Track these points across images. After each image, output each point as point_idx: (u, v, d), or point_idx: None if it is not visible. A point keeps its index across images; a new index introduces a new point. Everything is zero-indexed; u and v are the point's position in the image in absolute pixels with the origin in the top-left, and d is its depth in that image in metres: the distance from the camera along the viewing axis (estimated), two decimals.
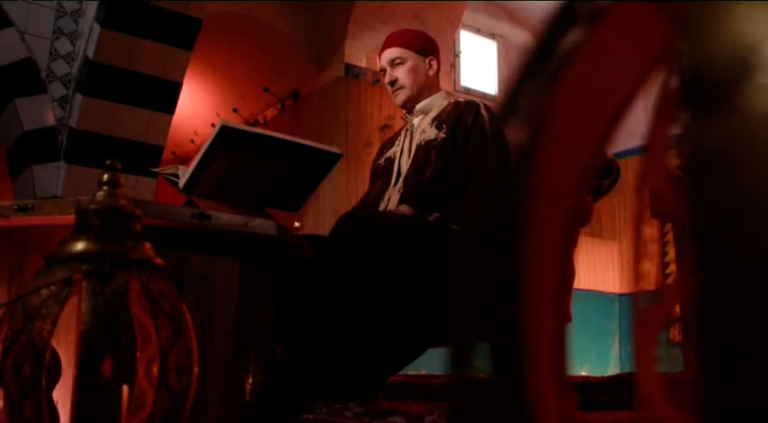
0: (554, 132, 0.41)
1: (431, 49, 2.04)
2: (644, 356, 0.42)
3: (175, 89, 4.07)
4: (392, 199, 1.88)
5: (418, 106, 2.01)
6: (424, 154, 1.89)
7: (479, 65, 6.64)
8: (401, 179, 1.91)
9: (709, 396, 0.32)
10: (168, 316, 0.80)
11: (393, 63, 1.99)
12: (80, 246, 0.81)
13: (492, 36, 6.82)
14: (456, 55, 6.33)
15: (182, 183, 1.55)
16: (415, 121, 2.02)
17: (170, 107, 4.08)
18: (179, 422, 0.80)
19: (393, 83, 1.99)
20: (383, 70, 2.03)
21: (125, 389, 0.76)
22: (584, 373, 5.45)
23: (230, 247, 1.23)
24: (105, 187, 0.86)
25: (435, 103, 2.01)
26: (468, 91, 6.33)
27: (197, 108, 6.20)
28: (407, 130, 2.04)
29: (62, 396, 0.77)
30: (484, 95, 6.28)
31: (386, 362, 1.63)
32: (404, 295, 1.59)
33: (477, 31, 6.70)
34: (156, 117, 4.03)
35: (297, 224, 1.92)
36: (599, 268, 6.05)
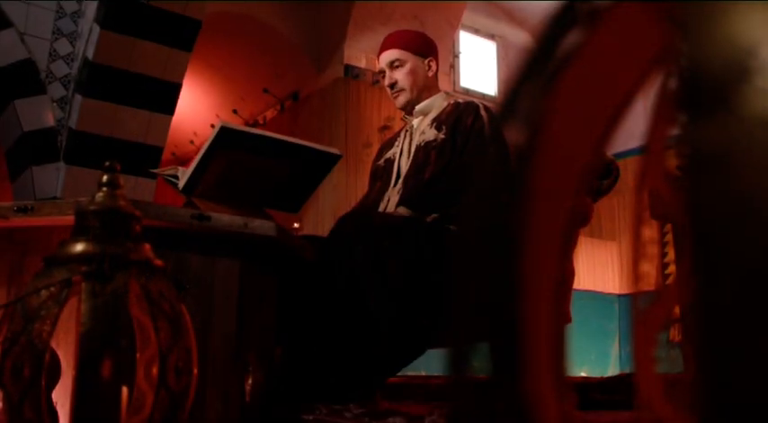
0: (553, 133, 0.41)
1: (429, 50, 2.04)
2: (643, 357, 0.42)
3: (175, 90, 4.07)
4: (391, 200, 1.88)
5: (418, 107, 2.01)
6: (423, 155, 1.89)
7: (479, 65, 6.64)
8: (401, 180, 1.91)
9: (707, 396, 0.32)
10: (168, 317, 0.80)
11: (392, 65, 1.99)
12: (79, 247, 0.81)
13: (491, 37, 6.82)
14: (455, 55, 6.34)
15: (181, 184, 1.55)
16: (415, 122, 2.02)
17: (169, 108, 4.08)
18: None
19: (392, 85, 1.99)
20: (382, 72, 2.03)
21: (124, 390, 0.76)
22: (583, 374, 5.45)
23: (230, 248, 1.23)
24: (105, 188, 0.86)
25: (435, 104, 2.01)
26: (467, 92, 6.33)
27: (196, 109, 6.20)
28: (407, 131, 2.04)
29: (62, 397, 0.77)
30: (483, 96, 6.28)
31: (385, 362, 1.63)
32: (403, 296, 1.59)
33: (477, 31, 6.70)
34: (156, 118, 4.03)
35: (296, 225, 1.92)
36: (598, 269, 6.06)
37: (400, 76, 1.98)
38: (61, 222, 1.07)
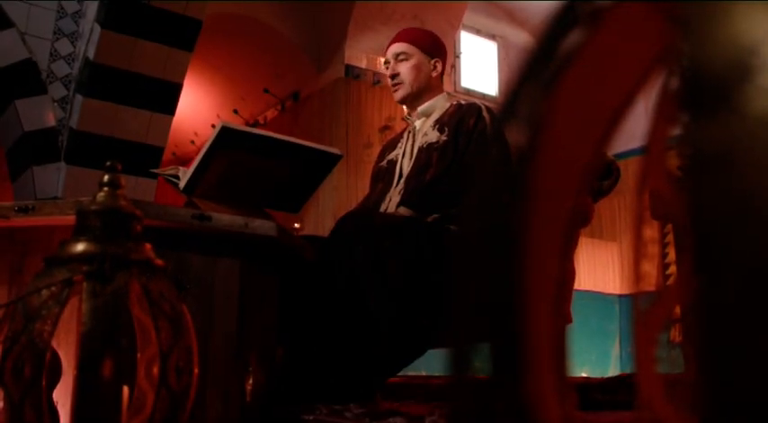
0: (554, 133, 0.41)
1: (437, 50, 2.04)
2: (644, 357, 0.42)
3: (176, 90, 4.07)
4: (392, 200, 1.88)
5: (420, 108, 2.01)
6: (425, 156, 1.89)
7: (480, 66, 6.64)
8: (402, 181, 1.91)
9: (708, 396, 0.32)
10: (168, 317, 0.80)
11: (397, 57, 2.00)
12: (80, 247, 0.81)
13: (492, 37, 6.82)
14: (456, 56, 6.34)
15: (182, 184, 1.55)
16: (417, 123, 2.03)
17: (170, 108, 4.08)
18: None
19: (394, 76, 2.00)
20: (387, 63, 2.03)
21: (125, 390, 0.76)
22: (584, 374, 5.45)
23: (230, 248, 1.23)
24: (106, 188, 0.86)
25: (437, 105, 2.01)
26: (468, 92, 6.33)
27: (197, 109, 6.21)
28: (410, 132, 2.04)
29: (62, 397, 0.77)
30: (484, 96, 6.28)
31: (386, 363, 1.63)
32: (403, 296, 1.59)
33: (478, 31, 6.70)
34: (157, 118, 4.03)
35: (297, 225, 1.92)
36: (599, 269, 6.06)
37: (403, 69, 1.98)
38: (62, 222, 1.07)
